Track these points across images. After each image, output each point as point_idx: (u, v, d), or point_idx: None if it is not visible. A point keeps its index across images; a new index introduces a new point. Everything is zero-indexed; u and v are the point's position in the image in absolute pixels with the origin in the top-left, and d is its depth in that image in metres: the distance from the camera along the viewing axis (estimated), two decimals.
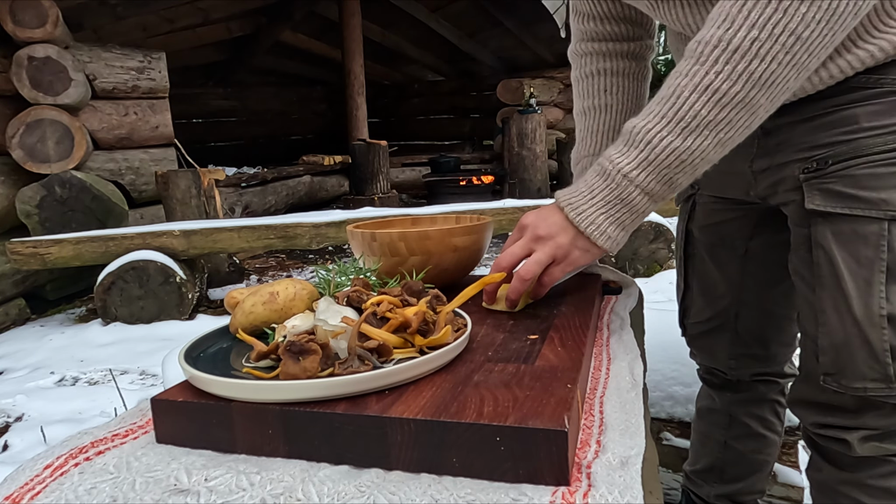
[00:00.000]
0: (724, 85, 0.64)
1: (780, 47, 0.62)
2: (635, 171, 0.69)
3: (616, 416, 0.58)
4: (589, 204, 0.72)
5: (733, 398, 1.19)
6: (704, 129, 0.65)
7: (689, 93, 0.65)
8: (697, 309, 1.15)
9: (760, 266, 1.06)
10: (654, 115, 0.68)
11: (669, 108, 0.66)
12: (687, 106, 0.65)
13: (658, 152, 0.67)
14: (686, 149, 0.66)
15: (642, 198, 0.70)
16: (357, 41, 6.86)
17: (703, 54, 0.65)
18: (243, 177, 5.75)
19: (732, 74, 0.63)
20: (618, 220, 0.72)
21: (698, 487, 1.28)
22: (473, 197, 6.44)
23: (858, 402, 0.81)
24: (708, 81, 0.64)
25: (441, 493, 0.47)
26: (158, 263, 3.18)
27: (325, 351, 0.58)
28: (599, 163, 0.72)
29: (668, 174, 0.68)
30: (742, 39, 0.63)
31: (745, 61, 0.63)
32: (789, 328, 1.11)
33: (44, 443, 1.99)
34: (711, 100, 0.64)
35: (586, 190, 0.72)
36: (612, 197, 0.71)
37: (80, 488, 0.51)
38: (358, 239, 0.98)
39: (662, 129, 0.67)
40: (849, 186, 0.77)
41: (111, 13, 4.82)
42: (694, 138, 0.66)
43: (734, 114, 0.65)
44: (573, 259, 0.76)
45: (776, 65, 0.63)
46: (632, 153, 0.69)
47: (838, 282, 0.78)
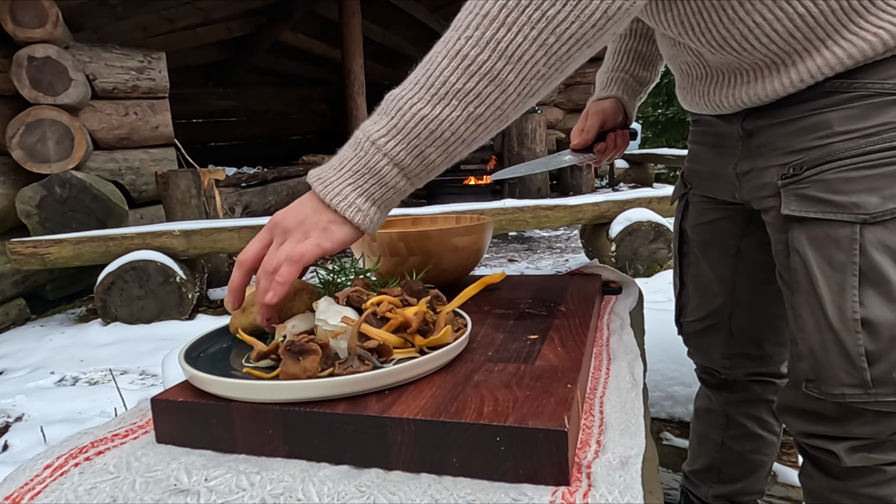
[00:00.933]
0: (473, 51, 0.61)
1: (525, 19, 0.59)
2: (384, 139, 0.64)
3: (616, 416, 0.58)
4: (338, 175, 0.66)
5: (729, 398, 1.19)
6: (454, 99, 0.62)
7: (441, 58, 0.63)
8: (692, 307, 1.15)
9: (752, 265, 1.06)
10: (409, 82, 0.64)
11: (423, 74, 0.63)
12: (438, 71, 0.62)
13: (407, 119, 0.63)
14: (434, 117, 0.62)
15: (392, 169, 0.64)
16: (357, 41, 6.86)
17: (458, 20, 0.63)
18: (243, 177, 5.75)
19: (481, 41, 0.61)
20: (367, 191, 0.65)
21: (696, 488, 1.28)
22: (473, 197, 6.43)
23: (840, 409, 0.81)
24: (459, 47, 0.62)
25: (441, 493, 0.47)
26: (158, 263, 3.18)
27: (325, 351, 0.58)
28: (354, 135, 0.67)
29: (417, 145, 0.64)
30: (492, 5, 0.61)
31: (493, 28, 0.60)
32: (783, 328, 1.11)
33: (44, 443, 1.99)
34: (461, 66, 0.61)
35: (337, 162, 0.67)
36: (360, 166, 0.65)
37: (80, 488, 0.51)
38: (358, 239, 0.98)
39: (413, 95, 0.63)
40: (822, 191, 0.77)
41: (111, 13, 4.82)
42: (443, 107, 0.62)
43: (482, 86, 0.61)
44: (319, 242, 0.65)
45: (522, 38, 0.60)
46: (382, 120, 0.64)
47: (813, 286, 0.78)
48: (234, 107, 8.62)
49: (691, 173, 1.09)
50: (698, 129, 1.04)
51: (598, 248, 3.84)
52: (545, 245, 5.10)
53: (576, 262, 4.39)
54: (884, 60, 0.72)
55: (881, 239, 0.74)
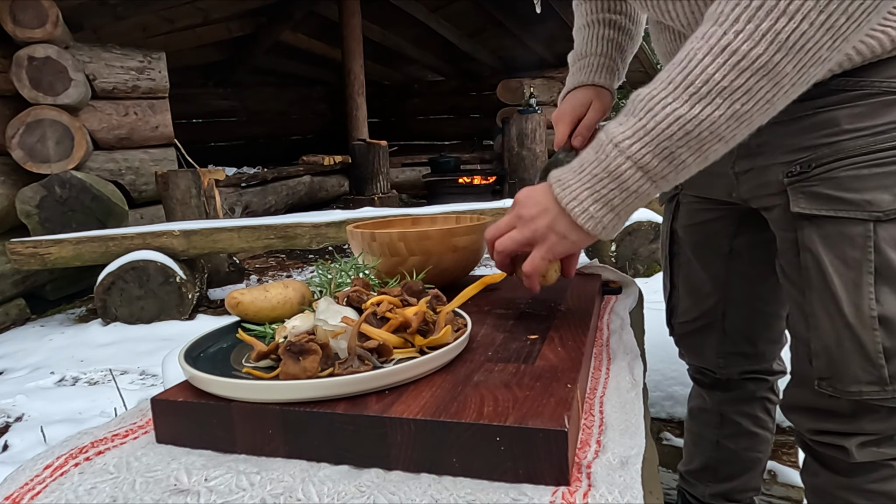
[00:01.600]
0: (745, 45, 0.56)
1: (813, 3, 0.54)
2: (629, 141, 0.60)
3: (616, 416, 0.58)
4: (576, 179, 0.64)
5: (723, 397, 1.19)
6: (717, 97, 0.57)
7: (702, 55, 0.57)
8: (684, 308, 1.15)
9: (746, 264, 1.06)
10: (660, 80, 0.60)
11: (679, 73, 0.58)
12: (699, 69, 0.57)
13: (659, 120, 0.59)
14: (693, 117, 0.58)
15: (635, 173, 0.61)
16: (357, 41, 6.86)
17: (722, 13, 0.58)
18: (243, 177, 5.75)
19: (755, 34, 0.55)
20: (604, 197, 0.63)
21: (693, 487, 1.29)
22: (473, 197, 6.43)
23: (854, 406, 0.80)
24: (726, 42, 0.56)
25: (441, 493, 0.47)
26: (158, 263, 3.18)
27: (325, 351, 0.58)
28: (598, 135, 0.65)
29: (668, 147, 0.59)
30: None
31: (770, 19, 0.55)
32: (777, 325, 1.11)
33: (44, 443, 1.99)
34: (728, 62, 0.56)
35: (577, 165, 0.65)
36: (599, 170, 0.62)
37: (80, 488, 0.51)
38: (358, 239, 0.98)
39: (668, 94, 0.59)
40: (833, 189, 0.76)
41: (111, 13, 4.82)
42: (703, 106, 0.57)
43: (754, 81, 0.57)
44: (550, 245, 0.68)
45: (807, 24, 0.54)
46: (629, 122, 0.61)
47: (827, 284, 0.78)
48: (234, 107, 8.62)
49: None
50: None
51: (598, 248, 3.84)
52: None
53: None
54: (890, 59, 0.72)
55: (895, 236, 0.74)
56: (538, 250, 0.70)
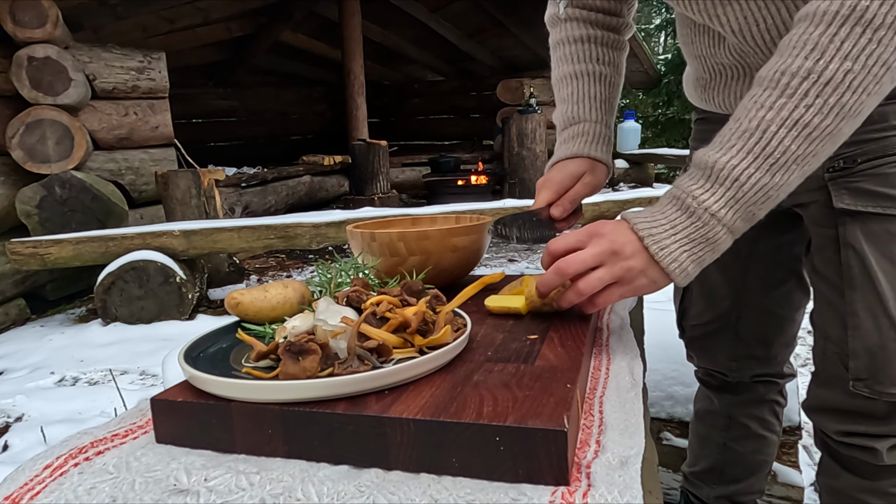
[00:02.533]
0: (816, 119, 0.62)
1: (871, 78, 0.60)
2: (724, 210, 0.66)
3: (616, 416, 0.58)
4: (672, 239, 0.68)
5: (733, 400, 1.18)
6: (793, 164, 0.64)
7: (776, 127, 0.63)
8: (697, 311, 1.14)
9: (764, 267, 1.05)
10: (737, 150, 0.65)
11: (756, 144, 0.64)
12: (776, 141, 0.63)
13: (746, 190, 0.65)
14: (775, 185, 0.64)
15: (725, 235, 0.68)
16: (357, 41, 6.86)
17: (789, 86, 0.63)
18: (243, 177, 5.75)
19: (824, 108, 0.61)
20: (699, 257, 0.69)
21: (697, 489, 1.28)
22: (473, 197, 6.43)
23: (890, 407, 0.79)
24: (798, 115, 0.62)
25: (440, 493, 0.47)
26: (158, 263, 3.18)
27: (324, 351, 0.58)
28: (677, 196, 0.69)
29: (752, 210, 0.67)
30: (835, 72, 0.60)
31: (836, 94, 0.61)
32: (790, 328, 1.10)
33: (44, 443, 1.99)
34: (801, 134, 0.62)
35: (667, 224, 0.69)
36: (697, 235, 0.68)
37: (79, 488, 0.51)
38: (357, 239, 0.98)
39: (749, 165, 0.64)
40: (880, 185, 0.76)
41: (111, 13, 4.82)
42: (783, 174, 0.64)
43: (821, 146, 0.63)
44: (638, 286, 0.71)
45: (866, 95, 0.61)
46: (718, 191, 0.66)
47: (872, 283, 0.77)
48: (233, 107, 8.62)
49: None
50: (707, 127, 1.02)
51: None
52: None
53: None
54: None
55: None
56: (620, 288, 0.71)
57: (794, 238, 0.98)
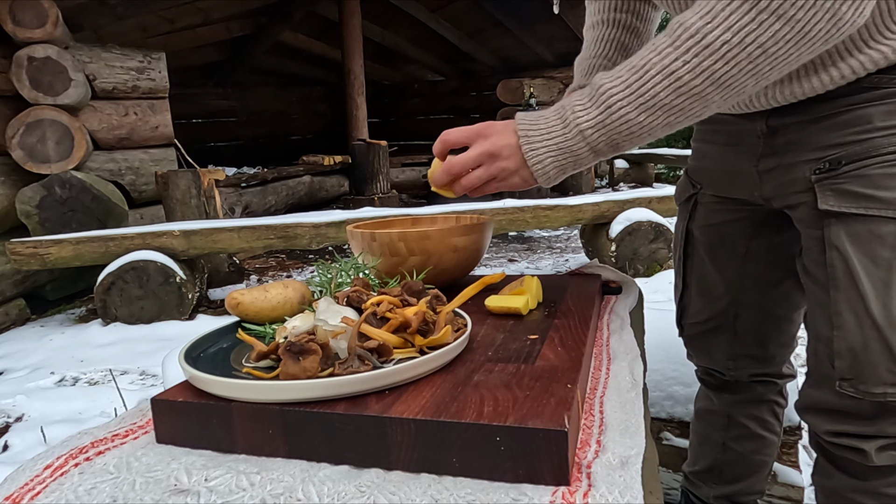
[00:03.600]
0: (688, 76, 0.66)
1: (745, 56, 0.64)
2: (590, 130, 0.73)
3: (616, 416, 0.58)
4: (543, 144, 0.76)
5: (732, 399, 1.18)
6: (658, 110, 0.69)
7: (655, 72, 0.68)
8: (695, 309, 1.14)
9: (761, 266, 1.05)
10: (621, 80, 0.71)
11: (635, 81, 0.69)
12: (650, 84, 0.68)
13: (614, 118, 0.71)
14: (638, 123, 0.70)
15: (588, 152, 0.75)
16: (357, 41, 6.85)
17: (679, 38, 0.67)
18: (243, 177, 5.75)
19: (696, 69, 0.66)
20: (561, 165, 0.76)
21: (697, 488, 1.28)
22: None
23: (876, 408, 0.79)
24: (675, 68, 0.67)
25: (441, 493, 0.47)
26: (158, 263, 3.18)
27: (325, 351, 0.58)
28: (563, 106, 0.76)
29: (616, 139, 0.73)
30: (715, 38, 0.65)
31: (710, 59, 0.65)
32: (788, 328, 1.10)
33: (44, 443, 1.99)
34: (672, 86, 0.67)
35: (544, 129, 0.76)
36: (564, 145, 0.75)
37: (80, 488, 0.51)
38: (358, 239, 0.98)
39: (624, 98, 0.70)
40: (863, 186, 0.76)
41: (111, 13, 4.82)
42: (647, 115, 0.70)
43: (688, 103, 0.68)
44: (511, 183, 0.80)
45: (737, 70, 0.65)
46: (592, 112, 0.72)
47: (854, 283, 0.77)
48: (234, 107, 8.62)
49: (700, 172, 1.07)
50: (707, 127, 1.02)
51: (598, 248, 3.84)
52: (545, 245, 5.10)
53: (576, 262, 4.39)
54: None
55: None
56: (496, 183, 0.80)
57: (791, 238, 0.98)
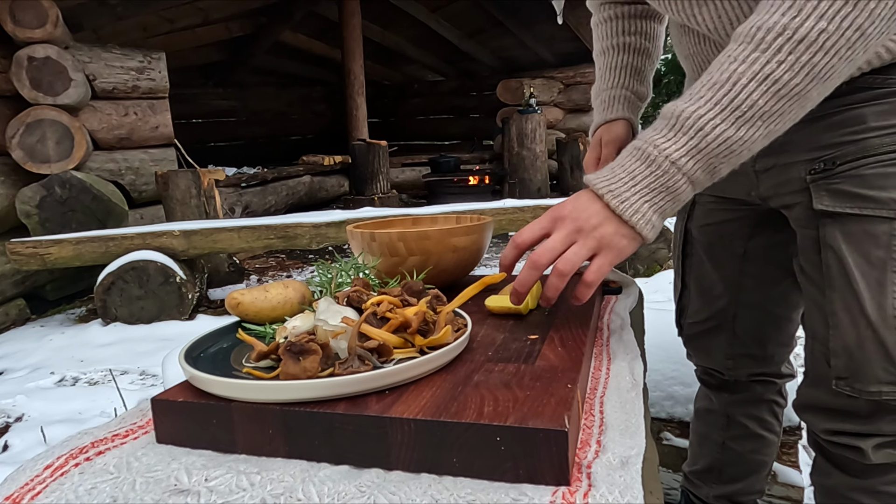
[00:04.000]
0: (786, 76, 0.61)
1: (844, 41, 0.60)
2: (684, 159, 0.65)
3: (616, 416, 0.58)
4: (632, 192, 0.67)
5: (731, 399, 1.18)
6: (759, 121, 0.63)
7: (747, 80, 0.62)
8: (694, 309, 1.15)
9: (759, 266, 1.05)
10: (705, 100, 0.64)
11: (724, 96, 0.63)
12: (744, 94, 0.62)
13: (710, 140, 0.64)
14: (738, 139, 0.63)
15: (686, 185, 0.66)
16: (357, 41, 6.86)
17: (764, 41, 0.62)
18: (243, 177, 5.75)
19: (795, 65, 0.61)
20: (660, 207, 0.67)
21: (697, 488, 1.28)
22: (473, 197, 6.43)
23: (872, 406, 0.80)
24: (769, 70, 0.61)
25: (441, 493, 0.47)
26: (158, 263, 3.18)
27: (325, 351, 0.58)
28: (638, 147, 0.68)
29: (713, 162, 0.65)
30: (809, 30, 0.60)
31: (809, 52, 0.60)
32: (787, 328, 1.11)
33: (44, 443, 1.99)
34: (770, 90, 0.62)
35: (626, 176, 0.67)
36: (657, 184, 0.66)
37: (80, 488, 0.51)
38: (357, 239, 0.98)
39: (715, 116, 0.63)
40: (858, 186, 0.76)
41: (111, 13, 4.82)
42: (747, 128, 0.63)
43: (788, 105, 0.63)
44: (620, 248, 0.69)
45: (837, 59, 0.61)
46: (681, 139, 0.65)
47: (849, 283, 0.78)
48: (234, 107, 8.62)
49: None
50: None
51: None
52: None
53: None
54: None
55: None
56: (605, 256, 0.69)
57: (789, 238, 0.98)
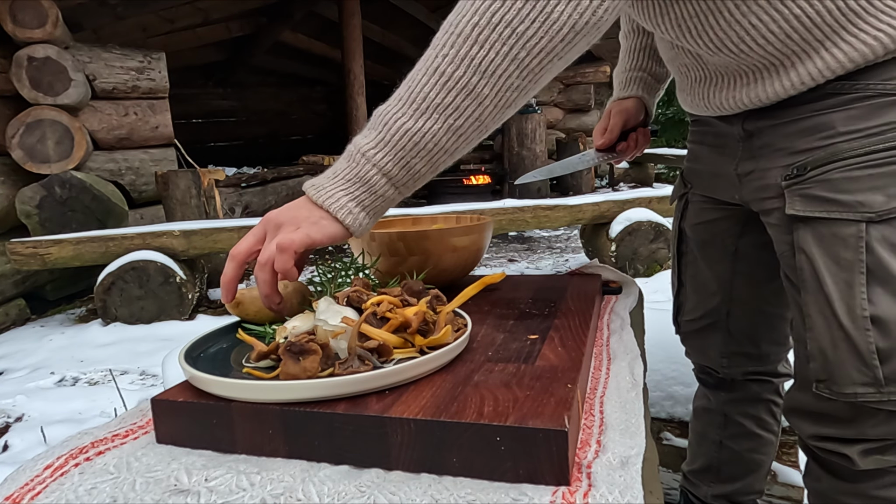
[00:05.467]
0: (450, 68, 0.65)
1: (497, 36, 0.63)
2: (373, 151, 0.68)
3: (616, 416, 0.58)
4: (331, 183, 0.70)
5: (727, 397, 1.19)
6: (434, 112, 0.66)
7: (420, 75, 0.67)
8: (690, 306, 1.15)
9: (751, 264, 1.06)
10: (394, 98, 0.69)
11: (406, 91, 0.67)
12: (419, 88, 0.66)
13: (393, 133, 0.67)
14: (418, 130, 0.67)
15: (381, 179, 0.69)
16: (357, 41, 6.85)
17: (436, 38, 0.67)
18: (243, 177, 5.75)
19: (456, 58, 0.65)
20: (358, 198, 0.70)
21: (696, 487, 1.28)
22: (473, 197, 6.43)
23: (852, 410, 0.80)
24: (437, 64, 0.65)
25: (441, 493, 0.47)
26: (158, 263, 3.18)
27: (325, 351, 0.58)
28: (346, 148, 0.72)
29: (404, 157, 0.68)
30: (465, 24, 0.64)
31: (466, 45, 0.64)
32: (781, 327, 1.11)
33: (44, 443, 1.99)
34: (439, 82, 0.65)
35: (331, 172, 0.72)
36: (352, 175, 0.70)
37: (80, 488, 0.51)
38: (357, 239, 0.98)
39: (398, 110, 0.67)
40: (827, 191, 0.77)
41: (111, 13, 4.82)
42: (425, 121, 0.66)
43: (460, 99, 0.66)
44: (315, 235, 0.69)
45: (494, 54, 0.64)
46: (371, 134, 0.69)
47: (821, 286, 0.78)
48: (234, 107, 8.62)
49: (691, 173, 1.09)
50: (698, 128, 1.04)
51: (598, 248, 3.84)
52: (545, 245, 5.10)
53: (576, 262, 4.39)
54: (885, 62, 0.72)
55: (887, 237, 0.74)
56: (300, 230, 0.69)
57: None
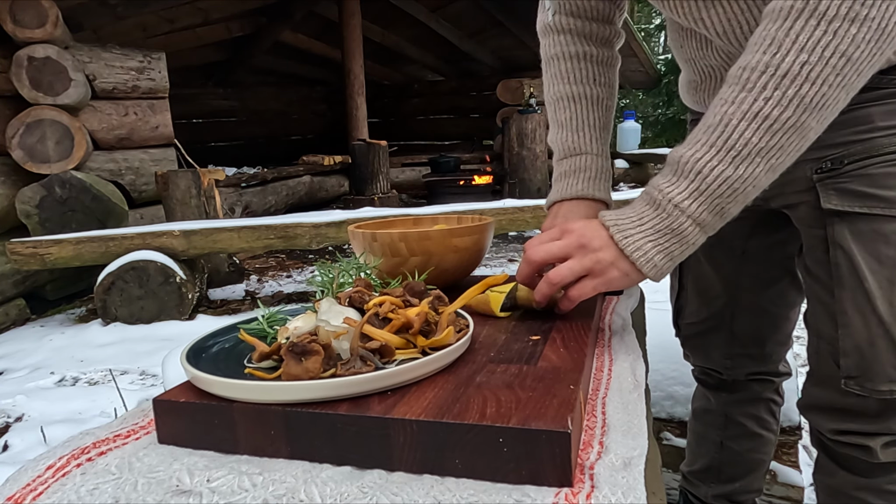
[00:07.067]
0: (775, 111, 0.63)
1: (830, 69, 0.61)
2: (687, 202, 0.67)
3: (618, 417, 0.58)
4: (638, 230, 0.69)
5: (729, 398, 1.19)
6: (756, 157, 0.64)
7: (737, 120, 0.64)
8: (692, 309, 1.15)
9: (758, 266, 1.06)
10: (701, 144, 0.66)
11: (718, 137, 0.65)
12: (737, 134, 0.64)
13: (710, 182, 0.66)
14: (738, 177, 0.65)
15: (693, 228, 0.68)
16: (357, 41, 6.86)
17: (749, 80, 0.64)
18: (243, 177, 5.75)
19: (783, 100, 0.62)
20: (666, 249, 0.69)
21: (695, 488, 1.29)
22: (473, 197, 6.44)
23: (882, 405, 0.80)
24: (757, 108, 0.63)
25: (444, 495, 0.47)
26: (158, 263, 3.18)
27: (327, 352, 0.58)
28: (647, 191, 0.71)
29: (719, 203, 0.67)
30: (791, 64, 0.62)
31: (795, 86, 0.62)
32: (785, 327, 1.11)
33: (44, 443, 1.99)
34: (762, 126, 0.63)
35: (635, 216, 0.70)
36: (662, 226, 0.68)
37: (82, 489, 0.51)
38: (359, 239, 0.98)
39: (712, 158, 0.65)
40: (866, 185, 0.76)
41: (111, 13, 4.82)
42: (746, 166, 0.64)
43: (785, 139, 0.64)
44: (609, 278, 0.71)
45: (826, 87, 0.62)
46: (682, 184, 0.67)
47: (860, 282, 0.78)
48: (234, 107, 8.62)
49: None
50: None
51: None
52: None
53: None
54: None
55: None
56: (592, 281, 0.72)
57: (787, 237, 0.98)
